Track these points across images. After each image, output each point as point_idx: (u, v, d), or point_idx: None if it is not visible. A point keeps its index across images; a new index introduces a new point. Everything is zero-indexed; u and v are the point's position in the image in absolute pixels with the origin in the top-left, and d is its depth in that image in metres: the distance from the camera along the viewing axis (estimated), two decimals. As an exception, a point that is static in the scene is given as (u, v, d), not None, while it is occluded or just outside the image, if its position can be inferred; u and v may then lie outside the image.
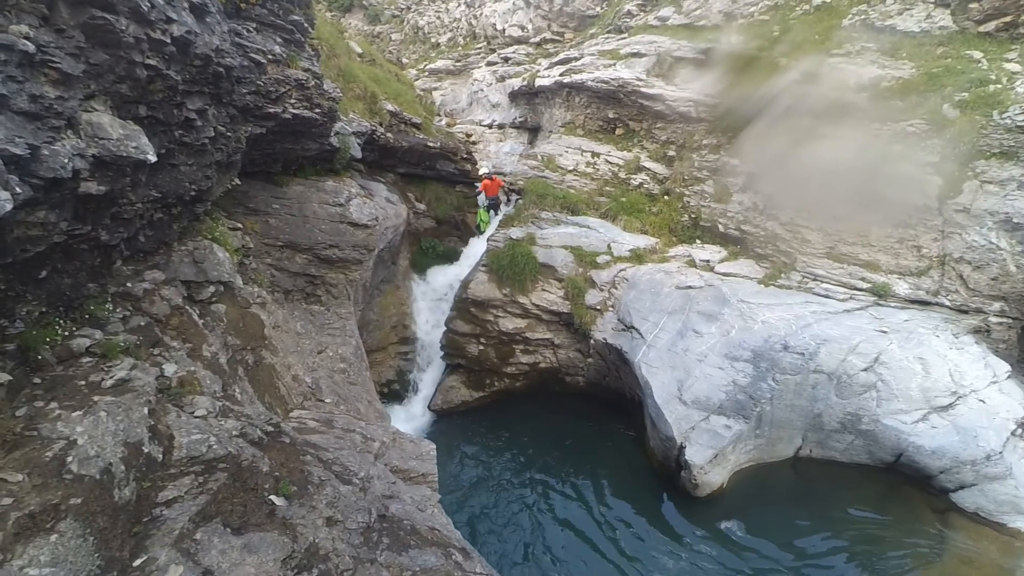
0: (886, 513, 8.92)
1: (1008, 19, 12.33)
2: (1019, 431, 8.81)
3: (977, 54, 12.13)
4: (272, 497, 4.35)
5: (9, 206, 3.23)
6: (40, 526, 3.10)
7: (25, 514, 3.09)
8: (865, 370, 9.52)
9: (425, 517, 5.57)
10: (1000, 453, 8.55)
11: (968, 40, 12.66)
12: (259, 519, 4.08)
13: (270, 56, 7.32)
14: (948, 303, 10.60)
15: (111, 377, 4.42)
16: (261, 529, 3.99)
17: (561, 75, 18.67)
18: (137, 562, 3.45)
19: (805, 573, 8.07)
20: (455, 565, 4.88)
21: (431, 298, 14.14)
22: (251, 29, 7.02)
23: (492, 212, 16.01)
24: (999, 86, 11.05)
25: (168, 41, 4.66)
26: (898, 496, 9.13)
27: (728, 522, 9.00)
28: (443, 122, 22.49)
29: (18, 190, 3.35)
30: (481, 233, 15.61)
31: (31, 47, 3.52)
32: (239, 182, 8.23)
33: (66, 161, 3.72)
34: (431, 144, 14.85)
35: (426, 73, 27.47)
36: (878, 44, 13.27)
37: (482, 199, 15.99)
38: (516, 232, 13.79)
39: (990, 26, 12.55)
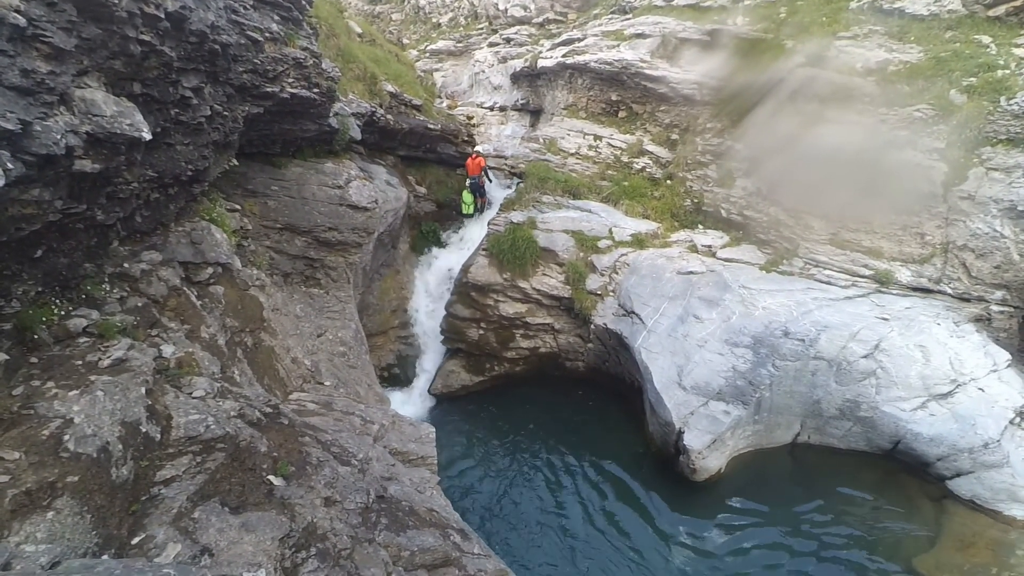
0: (883, 500, 8.97)
1: (1018, 3, 12.12)
2: (1017, 420, 8.82)
3: (986, 39, 11.95)
4: (270, 477, 4.36)
5: (1, 182, 3.18)
6: (37, 503, 3.11)
7: (22, 491, 3.09)
8: (865, 357, 9.51)
9: (424, 499, 5.60)
10: (998, 441, 8.56)
11: (977, 24, 12.47)
12: (257, 498, 4.09)
13: (267, 34, 7.19)
14: (950, 291, 10.56)
15: (108, 357, 4.41)
16: (259, 508, 4.00)
17: (564, 56, 18.44)
18: (135, 540, 3.46)
19: (801, 559, 8.14)
20: (453, 546, 4.91)
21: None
22: (248, 6, 6.88)
23: (475, 195, 15.32)
24: (1007, 71, 10.90)
25: (162, 16, 4.57)
26: (895, 483, 9.18)
27: (725, 507, 9.06)
28: (444, 104, 22.26)
29: (10, 166, 3.30)
30: (464, 216, 15.28)
31: (22, 20, 3.45)
32: (237, 163, 8.16)
33: (59, 137, 3.67)
34: (432, 126, 14.70)
35: (427, 54, 27.13)
36: (886, 27, 13.07)
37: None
38: (517, 216, 13.69)
39: (1000, 10, 12.35)
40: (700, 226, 14.11)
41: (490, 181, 15.67)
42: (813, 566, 8.01)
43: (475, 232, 14.77)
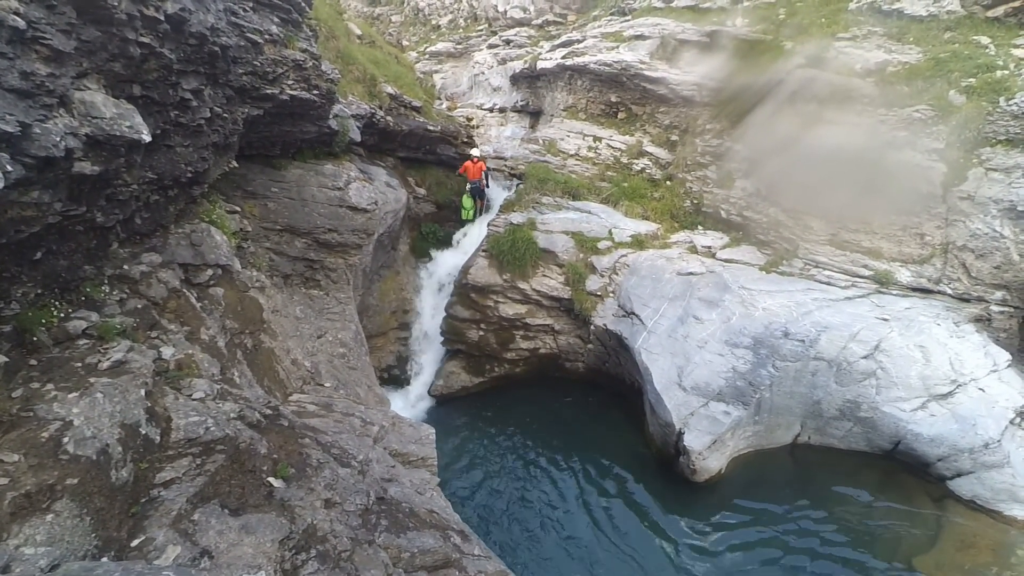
0: (883, 500, 8.97)
1: (1017, 4, 12.15)
2: (1018, 420, 8.82)
3: (985, 39, 11.98)
4: (270, 479, 4.35)
5: (1, 184, 3.18)
6: (36, 506, 3.10)
7: (21, 494, 3.08)
8: (865, 357, 9.51)
9: (424, 500, 5.59)
10: (998, 442, 8.56)
11: (976, 25, 12.50)
12: (257, 500, 4.08)
13: (267, 36, 7.19)
14: (950, 291, 10.56)
15: (108, 359, 4.40)
16: (259, 510, 3.99)
17: (563, 58, 18.46)
18: (135, 542, 3.45)
19: (801, 560, 8.13)
20: (453, 547, 4.90)
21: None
22: (247, 8, 6.87)
23: (476, 199, 15.29)
24: (1006, 72, 10.92)
25: (162, 18, 4.57)
26: (895, 483, 9.17)
27: (726, 507, 9.05)
28: (444, 105, 22.29)
29: (9, 168, 3.30)
30: (464, 221, 15.19)
31: (21, 23, 3.45)
32: (236, 165, 8.15)
33: (58, 140, 3.67)
34: (431, 128, 14.70)
35: (426, 56, 27.16)
36: (885, 28, 13.11)
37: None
38: (517, 217, 13.70)
39: (999, 11, 12.38)
40: (700, 227, 14.12)
41: (489, 186, 15.64)
42: (813, 566, 8.00)
43: (475, 233, 14.79)
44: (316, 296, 9.81)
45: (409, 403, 12.44)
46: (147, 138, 4.52)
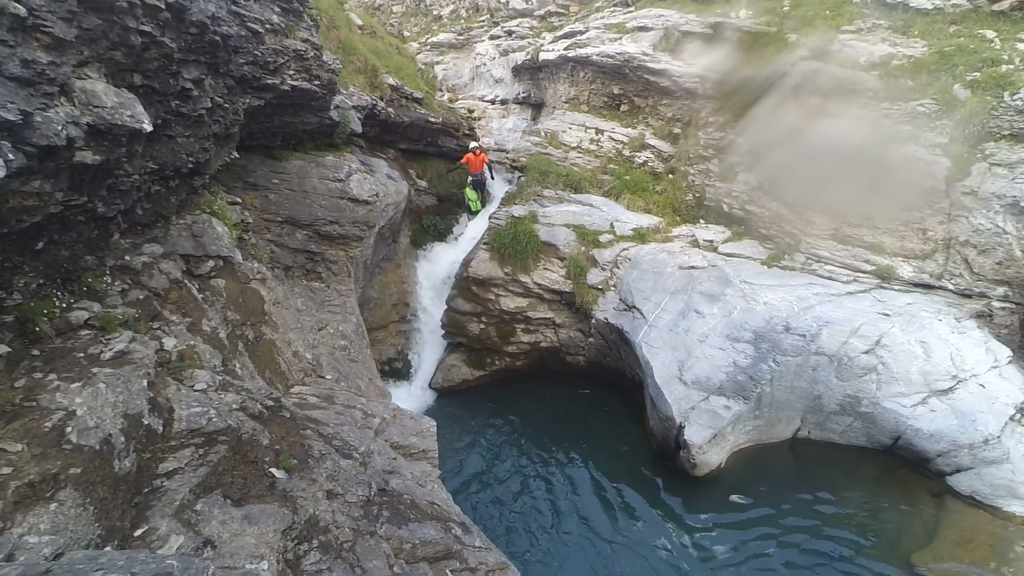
0: (882, 495, 8.99)
1: (1024, -3, 12.07)
2: (1018, 416, 8.82)
3: (990, 33, 11.91)
4: (272, 470, 4.36)
5: (2, 173, 3.17)
6: (40, 495, 3.11)
7: (25, 483, 3.09)
8: (866, 353, 9.51)
9: (425, 492, 5.60)
10: (998, 438, 8.57)
11: (981, 19, 12.43)
12: (259, 491, 4.10)
13: (268, 25, 7.14)
14: (952, 287, 10.55)
15: (110, 350, 4.40)
16: (261, 501, 4.00)
17: (565, 49, 18.31)
18: (138, 532, 3.46)
19: (801, 554, 8.16)
20: (454, 539, 4.92)
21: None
22: (248, -3, 6.83)
23: (479, 191, 15.39)
24: (1011, 66, 10.86)
25: (162, 6, 4.54)
26: (895, 479, 9.19)
27: (725, 501, 9.08)
28: (445, 97, 22.15)
29: (11, 157, 3.29)
30: (471, 213, 15.23)
31: (22, 10, 3.43)
32: (237, 156, 8.12)
33: (60, 129, 3.65)
34: (433, 119, 14.63)
35: (428, 47, 27.00)
36: (890, 21, 13.03)
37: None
38: (518, 210, 13.67)
39: (1004, 5, 12.31)
40: (702, 220, 14.08)
41: (492, 179, 15.60)
42: (812, 560, 8.03)
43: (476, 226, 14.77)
44: (317, 288, 9.80)
45: (410, 396, 12.44)
46: (148, 127, 4.50)
